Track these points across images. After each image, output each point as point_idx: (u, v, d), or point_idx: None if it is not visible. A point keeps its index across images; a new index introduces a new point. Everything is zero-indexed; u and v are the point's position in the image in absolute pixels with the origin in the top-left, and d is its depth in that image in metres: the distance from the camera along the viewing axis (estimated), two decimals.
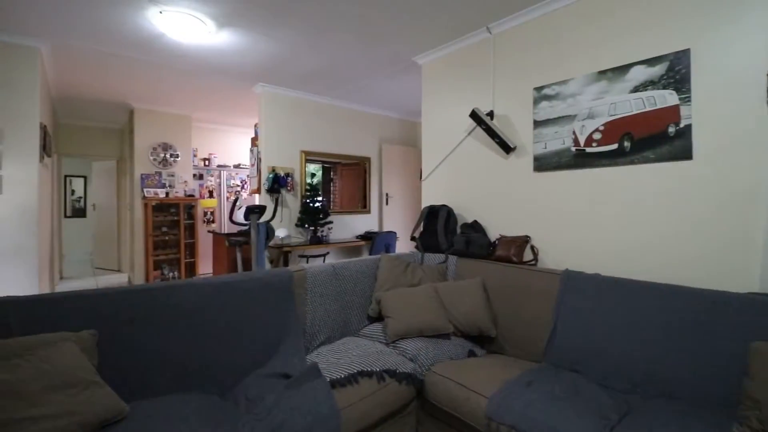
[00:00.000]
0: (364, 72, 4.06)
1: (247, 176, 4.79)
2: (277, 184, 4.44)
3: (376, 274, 2.73)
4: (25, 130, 3.18)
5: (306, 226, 4.51)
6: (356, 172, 5.58)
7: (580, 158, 2.44)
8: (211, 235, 6.02)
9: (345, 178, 5.76)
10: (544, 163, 2.63)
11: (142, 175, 5.25)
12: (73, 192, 8.40)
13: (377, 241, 4.73)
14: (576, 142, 2.45)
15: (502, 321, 2.34)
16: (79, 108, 5.41)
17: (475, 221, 3.08)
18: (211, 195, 6.09)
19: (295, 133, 4.71)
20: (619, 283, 1.97)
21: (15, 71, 3.12)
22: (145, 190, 5.15)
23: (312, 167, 5.31)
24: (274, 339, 2.05)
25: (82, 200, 8.48)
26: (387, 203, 5.60)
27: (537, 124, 2.66)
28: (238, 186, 6.40)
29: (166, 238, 5.20)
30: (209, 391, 1.73)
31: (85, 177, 8.44)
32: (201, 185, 6.00)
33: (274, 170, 4.49)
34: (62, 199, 7.28)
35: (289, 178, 4.59)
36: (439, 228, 3.10)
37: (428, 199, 3.53)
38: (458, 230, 3.13)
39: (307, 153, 4.83)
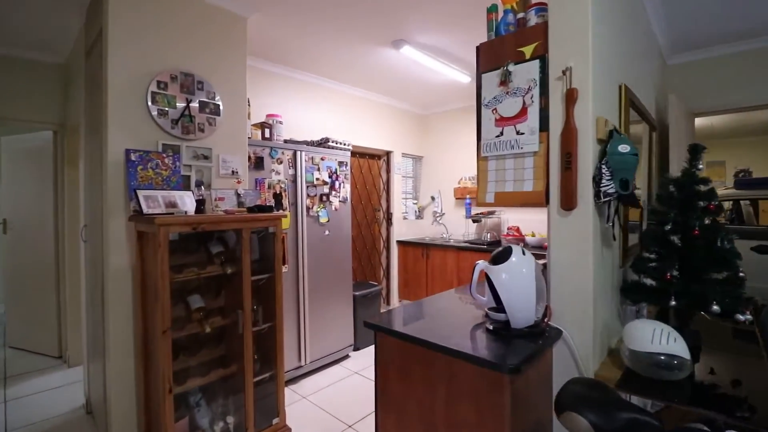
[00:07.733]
0: None
1: (507, 153, 1.56)
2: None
3: None
4: None
5: (688, 286, 1.42)
6: None
7: None
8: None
9: None
10: None
11: (129, 152, 1.91)
12: None
13: None
14: None
15: None
16: None
17: None
18: (277, 201, 2.81)
19: (608, 48, 1.61)
20: None
21: None
22: (141, 194, 1.82)
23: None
24: None
25: None
26: None
27: None
28: (325, 184, 3.15)
29: (204, 329, 1.89)
30: None
31: None
32: (259, 181, 2.71)
33: (612, 132, 1.39)
34: None
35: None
36: None
37: None
38: None
39: (630, 97, 1.74)
